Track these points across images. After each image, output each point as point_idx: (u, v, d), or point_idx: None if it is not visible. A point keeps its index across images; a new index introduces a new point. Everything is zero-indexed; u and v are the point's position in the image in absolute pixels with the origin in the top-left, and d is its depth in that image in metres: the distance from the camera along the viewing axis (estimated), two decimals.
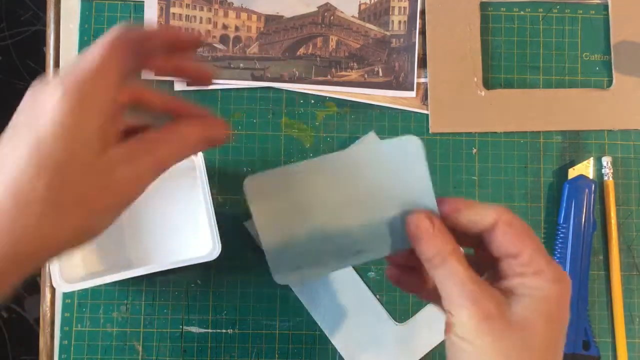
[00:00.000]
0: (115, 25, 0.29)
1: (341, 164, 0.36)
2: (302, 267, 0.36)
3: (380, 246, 0.36)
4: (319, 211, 0.36)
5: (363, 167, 0.35)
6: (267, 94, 0.53)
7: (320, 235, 0.36)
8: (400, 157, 0.35)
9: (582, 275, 0.49)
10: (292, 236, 0.36)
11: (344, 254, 0.36)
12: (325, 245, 0.36)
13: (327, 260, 0.36)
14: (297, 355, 0.50)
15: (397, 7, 0.53)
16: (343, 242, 0.36)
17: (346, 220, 0.36)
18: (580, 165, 0.51)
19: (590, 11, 0.54)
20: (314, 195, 0.36)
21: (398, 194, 0.36)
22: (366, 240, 0.36)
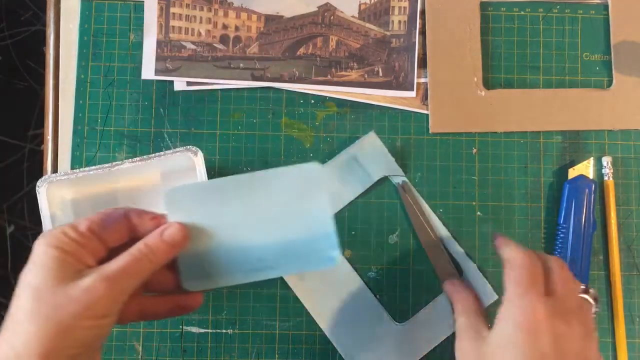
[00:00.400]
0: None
1: (254, 185, 0.39)
2: (210, 277, 0.39)
3: (283, 265, 0.39)
4: (230, 227, 0.39)
5: (272, 190, 0.39)
6: (267, 94, 0.53)
7: (228, 250, 0.39)
8: (304, 183, 0.39)
9: (582, 275, 0.49)
10: (204, 247, 0.39)
11: (248, 269, 0.39)
12: (232, 259, 0.39)
13: (234, 273, 0.39)
14: (297, 355, 0.50)
15: (397, 7, 0.53)
16: (249, 258, 0.39)
17: (254, 237, 0.39)
18: (580, 165, 0.51)
19: (590, 11, 0.54)
20: (227, 211, 0.39)
21: (301, 217, 0.39)
22: (270, 258, 0.39)
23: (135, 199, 0.49)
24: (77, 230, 0.35)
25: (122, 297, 0.35)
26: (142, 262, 0.36)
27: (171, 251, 0.37)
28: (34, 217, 1.20)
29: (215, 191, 0.39)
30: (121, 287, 0.34)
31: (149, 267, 0.36)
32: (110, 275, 0.34)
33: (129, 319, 0.38)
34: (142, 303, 0.39)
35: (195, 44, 0.52)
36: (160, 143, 0.52)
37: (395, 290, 0.51)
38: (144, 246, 0.36)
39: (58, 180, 0.45)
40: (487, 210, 0.52)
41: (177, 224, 0.38)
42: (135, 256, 0.36)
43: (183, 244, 0.38)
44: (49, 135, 0.52)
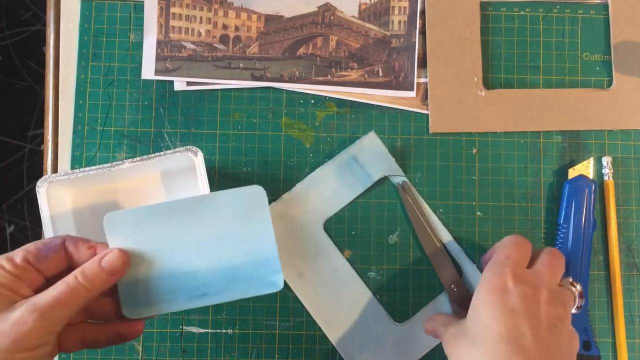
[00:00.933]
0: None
1: (196, 209, 0.39)
2: (151, 304, 0.39)
3: (225, 290, 0.39)
4: (171, 252, 0.39)
5: (214, 214, 0.39)
6: (267, 94, 0.53)
7: (169, 276, 0.39)
8: (247, 206, 0.39)
9: (582, 275, 0.49)
10: (144, 274, 0.38)
11: (190, 295, 0.39)
12: (173, 285, 0.39)
13: (174, 300, 0.39)
14: (297, 355, 0.50)
15: (397, 7, 0.53)
16: (190, 284, 0.39)
17: (195, 262, 0.39)
18: (580, 165, 0.51)
19: (590, 11, 0.54)
20: (167, 236, 0.38)
21: (243, 241, 0.39)
22: (212, 283, 0.39)
23: (135, 199, 0.49)
24: (12, 262, 0.35)
25: (55, 327, 0.34)
26: (77, 291, 0.35)
27: (110, 279, 0.37)
28: (34, 217, 1.20)
29: (156, 216, 0.38)
30: (53, 318, 0.34)
31: (85, 295, 0.35)
32: (41, 307, 0.33)
33: (71, 347, 0.38)
34: (84, 331, 0.38)
35: (195, 44, 0.52)
36: (160, 143, 0.52)
37: (395, 290, 0.51)
38: (80, 274, 0.35)
39: (58, 180, 0.45)
40: (487, 210, 0.52)
41: (117, 251, 0.37)
42: (69, 285, 0.35)
43: (123, 272, 0.37)
44: (49, 135, 0.52)
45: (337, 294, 0.50)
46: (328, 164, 0.51)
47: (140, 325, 0.39)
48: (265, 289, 0.39)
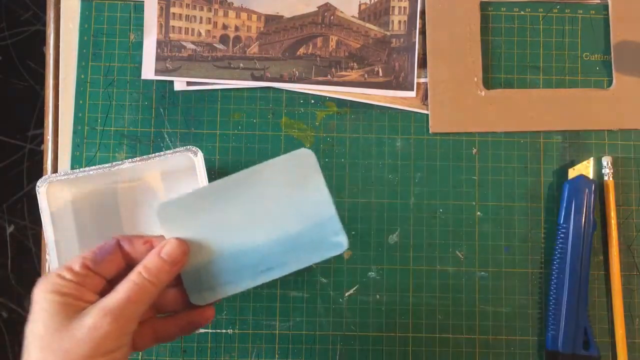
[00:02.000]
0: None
1: (245, 183, 0.38)
2: (216, 287, 0.38)
3: (289, 261, 0.38)
4: (227, 232, 0.38)
5: (263, 185, 0.38)
6: (267, 94, 0.53)
7: (230, 255, 0.38)
8: (297, 170, 0.38)
9: (582, 275, 0.49)
10: (205, 259, 0.38)
11: (254, 272, 0.38)
12: (235, 265, 0.38)
13: (239, 279, 0.38)
14: (297, 355, 0.50)
15: (397, 7, 0.53)
16: (252, 261, 0.38)
17: (253, 238, 0.38)
18: (580, 165, 0.51)
19: (590, 11, 0.54)
20: (221, 216, 0.38)
21: (299, 207, 0.38)
22: (274, 256, 0.38)
23: (135, 199, 0.49)
24: (72, 271, 0.35)
25: (130, 327, 0.34)
26: (144, 286, 0.35)
27: (172, 269, 0.36)
28: (34, 217, 1.20)
29: (207, 199, 0.38)
30: (126, 317, 0.34)
31: (152, 290, 0.35)
32: (112, 308, 0.33)
33: (144, 344, 0.38)
34: (155, 326, 0.38)
35: (195, 44, 0.52)
36: (160, 143, 0.52)
37: (395, 290, 0.51)
38: (144, 269, 0.35)
39: (58, 180, 0.45)
40: (487, 210, 0.52)
41: (175, 240, 0.37)
42: (135, 282, 0.35)
43: (184, 260, 0.37)
44: (49, 135, 0.52)
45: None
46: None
47: (210, 311, 0.39)
48: (330, 252, 0.38)
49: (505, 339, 0.51)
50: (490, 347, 0.50)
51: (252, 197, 0.38)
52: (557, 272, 0.50)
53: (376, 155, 0.52)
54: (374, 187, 0.52)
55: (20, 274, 1.18)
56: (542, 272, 0.51)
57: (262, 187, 0.38)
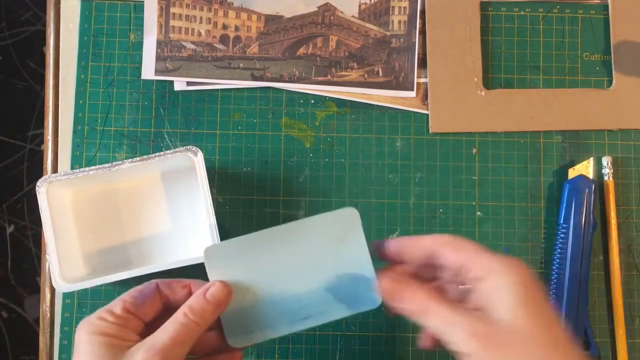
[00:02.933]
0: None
1: (292, 235, 0.39)
2: (254, 331, 0.39)
3: (326, 311, 0.39)
4: (270, 279, 0.39)
5: (308, 237, 0.39)
6: (267, 94, 0.53)
7: (270, 302, 0.39)
8: (340, 227, 0.39)
9: (582, 275, 0.49)
10: (245, 303, 0.39)
11: (293, 319, 0.39)
12: (275, 311, 0.39)
13: (277, 325, 0.39)
14: (297, 355, 0.50)
15: (397, 7, 0.53)
16: (292, 308, 0.39)
17: (294, 287, 0.39)
18: (580, 165, 0.51)
19: (590, 11, 0.54)
20: (266, 263, 0.39)
21: (340, 262, 0.39)
22: (313, 305, 0.39)
23: (136, 199, 0.49)
24: (113, 314, 0.36)
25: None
26: (189, 327, 0.36)
27: (216, 311, 0.37)
28: (34, 217, 1.20)
29: (253, 244, 0.39)
30: (173, 356, 0.35)
31: (197, 330, 0.36)
32: (162, 347, 0.34)
33: None
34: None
35: (195, 44, 0.52)
36: (160, 143, 0.52)
37: None
38: (189, 310, 0.36)
39: (58, 180, 0.45)
40: (487, 210, 0.52)
41: (219, 283, 0.38)
42: (182, 322, 0.36)
43: (227, 302, 0.38)
44: (49, 135, 0.52)
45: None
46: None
47: (238, 355, 0.40)
48: (364, 306, 0.39)
49: None
50: None
51: (296, 248, 0.39)
52: (557, 272, 0.50)
53: (376, 155, 0.52)
54: (374, 187, 0.52)
55: (20, 274, 1.18)
56: (542, 272, 0.51)
57: (306, 239, 0.39)
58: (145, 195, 0.49)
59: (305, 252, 0.39)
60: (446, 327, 0.33)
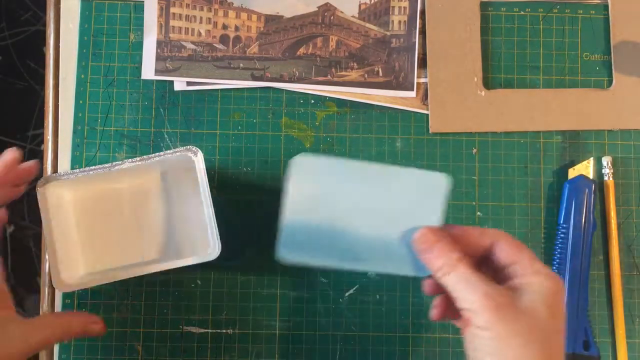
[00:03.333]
0: None
1: (374, 176, 0.39)
2: (305, 251, 0.39)
3: (377, 262, 0.39)
4: (338, 209, 0.39)
5: (393, 186, 0.39)
6: (267, 94, 0.53)
7: (329, 230, 0.39)
8: (426, 190, 0.39)
9: (582, 275, 0.49)
10: (308, 221, 0.39)
11: (343, 256, 0.39)
12: (330, 241, 0.39)
13: (328, 255, 0.39)
14: (297, 355, 0.50)
15: (397, 7, 0.53)
16: (346, 245, 0.39)
17: (356, 227, 0.39)
18: (580, 165, 0.51)
19: (590, 11, 0.54)
20: (340, 193, 0.39)
21: (410, 221, 0.39)
22: (367, 251, 0.39)
23: (136, 199, 0.49)
24: None
25: None
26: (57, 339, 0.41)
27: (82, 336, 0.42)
28: (34, 217, 1.20)
29: (338, 170, 0.39)
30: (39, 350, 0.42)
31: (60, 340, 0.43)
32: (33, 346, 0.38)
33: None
34: None
35: (195, 44, 0.52)
36: (160, 143, 0.52)
37: (395, 290, 0.51)
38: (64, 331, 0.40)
39: (58, 180, 0.45)
40: (487, 210, 0.52)
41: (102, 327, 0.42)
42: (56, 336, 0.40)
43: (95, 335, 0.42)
44: (49, 135, 0.52)
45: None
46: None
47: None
48: (413, 272, 0.39)
49: None
50: None
51: (375, 191, 0.39)
52: (557, 272, 0.50)
53: (376, 155, 0.52)
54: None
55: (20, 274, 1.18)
56: None
57: (387, 187, 0.39)
58: (145, 195, 0.49)
59: (382, 199, 0.39)
60: (464, 285, 0.34)
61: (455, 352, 0.50)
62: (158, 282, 0.50)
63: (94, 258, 0.48)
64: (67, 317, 0.42)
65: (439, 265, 0.36)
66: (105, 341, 0.50)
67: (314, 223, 0.39)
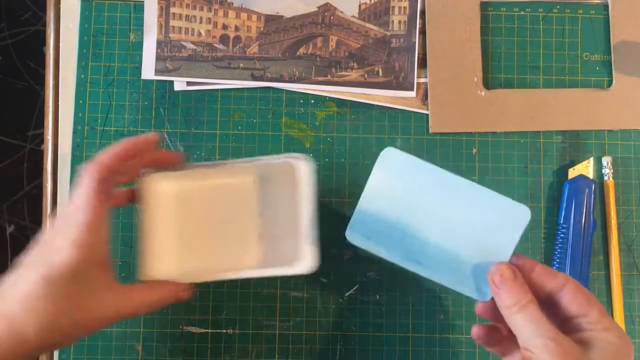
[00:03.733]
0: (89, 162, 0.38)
1: (459, 189, 0.40)
2: (371, 239, 0.40)
3: (437, 271, 0.40)
4: (415, 210, 0.40)
5: (472, 203, 0.40)
6: (267, 94, 0.53)
7: (401, 228, 0.40)
8: (505, 215, 0.40)
9: (582, 275, 0.49)
10: (384, 213, 0.40)
11: (406, 255, 0.40)
12: (399, 237, 0.40)
13: (392, 249, 0.40)
14: (297, 355, 0.50)
15: (397, 7, 0.53)
16: (412, 246, 0.40)
17: (427, 232, 0.40)
18: (580, 165, 0.51)
19: (590, 11, 0.54)
20: (421, 195, 0.40)
21: (483, 244, 0.39)
22: (431, 258, 0.40)
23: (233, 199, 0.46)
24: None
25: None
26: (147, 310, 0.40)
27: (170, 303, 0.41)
28: (34, 217, 1.20)
29: (425, 172, 0.40)
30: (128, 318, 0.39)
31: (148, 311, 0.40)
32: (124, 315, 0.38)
33: None
34: None
35: (195, 44, 0.52)
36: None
37: (395, 290, 0.51)
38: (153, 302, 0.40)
39: (160, 174, 0.43)
40: None
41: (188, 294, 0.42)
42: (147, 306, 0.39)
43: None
44: (49, 135, 0.52)
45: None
46: None
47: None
48: (473, 292, 0.39)
49: None
50: None
51: (456, 204, 0.40)
52: None
53: (376, 155, 0.52)
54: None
55: None
56: None
57: (470, 203, 0.40)
58: (242, 196, 0.46)
59: (461, 213, 0.40)
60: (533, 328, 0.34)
61: (455, 352, 0.50)
62: None
63: (185, 255, 0.45)
64: (159, 286, 0.41)
65: (510, 303, 0.35)
66: (105, 341, 0.50)
67: (388, 215, 0.40)
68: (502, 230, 0.39)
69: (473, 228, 0.40)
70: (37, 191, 1.21)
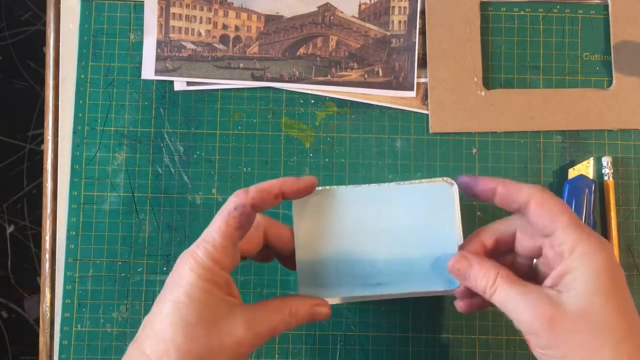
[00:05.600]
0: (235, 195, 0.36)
1: (381, 198, 0.38)
2: (327, 286, 0.39)
3: (399, 283, 0.38)
4: (350, 237, 0.39)
5: (399, 205, 0.38)
6: (267, 94, 0.53)
7: (347, 260, 0.39)
8: (433, 200, 0.38)
9: None
10: (324, 256, 0.39)
11: (365, 283, 0.39)
12: (349, 270, 0.39)
13: (350, 285, 0.39)
14: (297, 355, 0.50)
15: (397, 7, 0.53)
16: (366, 272, 0.39)
17: (372, 251, 0.39)
18: (580, 165, 0.51)
19: (590, 11, 0.54)
20: (349, 221, 0.38)
21: (425, 235, 0.38)
22: (387, 274, 0.39)
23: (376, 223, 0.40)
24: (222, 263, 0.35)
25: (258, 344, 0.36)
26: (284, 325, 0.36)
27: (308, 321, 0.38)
28: (34, 217, 1.20)
29: (343, 198, 0.39)
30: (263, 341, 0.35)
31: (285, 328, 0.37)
32: (261, 334, 0.35)
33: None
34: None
35: (195, 44, 0.52)
36: (160, 143, 0.52)
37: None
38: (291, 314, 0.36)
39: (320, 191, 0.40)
40: (487, 211, 0.52)
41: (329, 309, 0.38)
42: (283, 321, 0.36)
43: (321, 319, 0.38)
44: (49, 135, 0.52)
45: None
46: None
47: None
48: (441, 285, 0.38)
49: (505, 339, 0.51)
50: (490, 347, 0.50)
51: (383, 212, 0.38)
52: None
53: (376, 155, 0.52)
54: None
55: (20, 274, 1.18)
56: None
57: (395, 205, 0.38)
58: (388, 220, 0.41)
59: (392, 218, 0.38)
60: (512, 306, 0.33)
61: (455, 352, 0.50)
62: (157, 282, 0.50)
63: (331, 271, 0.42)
64: (294, 301, 0.37)
65: (482, 288, 0.35)
66: (105, 341, 0.50)
67: (329, 257, 0.39)
68: (437, 215, 0.38)
69: (410, 226, 0.38)
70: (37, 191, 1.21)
